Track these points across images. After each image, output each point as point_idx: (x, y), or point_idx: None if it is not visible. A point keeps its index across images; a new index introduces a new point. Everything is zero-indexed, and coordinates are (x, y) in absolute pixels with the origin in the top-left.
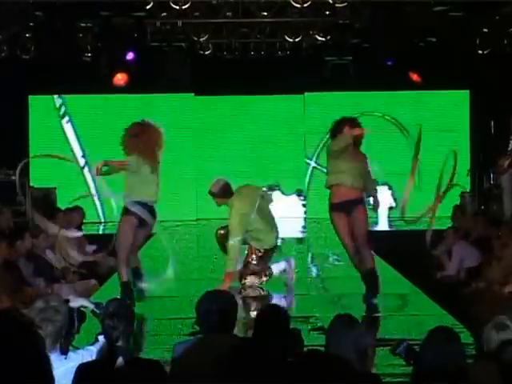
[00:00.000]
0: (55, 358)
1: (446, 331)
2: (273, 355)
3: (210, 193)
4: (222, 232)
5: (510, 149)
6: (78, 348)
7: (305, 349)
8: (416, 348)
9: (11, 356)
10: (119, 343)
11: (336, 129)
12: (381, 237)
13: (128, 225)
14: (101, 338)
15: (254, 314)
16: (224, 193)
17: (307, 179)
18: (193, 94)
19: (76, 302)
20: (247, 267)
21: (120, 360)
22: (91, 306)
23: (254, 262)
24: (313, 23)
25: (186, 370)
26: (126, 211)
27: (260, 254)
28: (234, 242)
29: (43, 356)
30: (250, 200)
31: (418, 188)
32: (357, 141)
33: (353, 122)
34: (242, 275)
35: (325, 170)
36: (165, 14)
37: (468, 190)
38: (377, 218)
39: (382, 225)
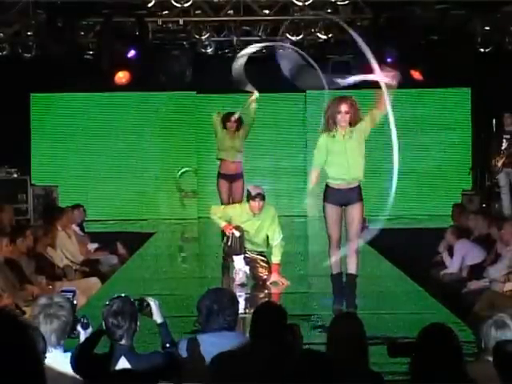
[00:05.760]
0: (59, 355)
1: (439, 326)
2: (270, 352)
3: (260, 196)
4: (238, 234)
5: (503, 148)
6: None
7: (305, 347)
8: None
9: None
10: (123, 342)
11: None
12: (382, 234)
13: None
14: (79, 329)
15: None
16: None
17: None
18: (195, 92)
19: None
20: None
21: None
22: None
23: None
24: (314, 21)
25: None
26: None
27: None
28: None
29: (32, 352)
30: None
31: None
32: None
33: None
34: None
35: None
36: (166, 12)
37: (470, 188)
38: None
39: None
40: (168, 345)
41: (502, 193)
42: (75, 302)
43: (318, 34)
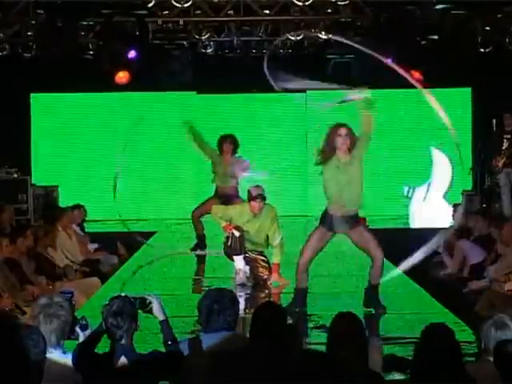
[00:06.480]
0: (58, 356)
1: (438, 327)
2: (270, 352)
3: (261, 196)
4: (238, 234)
5: (504, 148)
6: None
7: (306, 347)
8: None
9: None
10: (123, 341)
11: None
12: (382, 234)
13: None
14: (77, 330)
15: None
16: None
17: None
18: (195, 93)
19: None
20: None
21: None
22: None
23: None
24: (315, 21)
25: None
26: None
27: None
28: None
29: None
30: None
31: None
32: None
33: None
34: None
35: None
36: (166, 12)
37: (470, 189)
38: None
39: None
40: (170, 342)
41: (502, 193)
42: (73, 303)
43: (319, 34)
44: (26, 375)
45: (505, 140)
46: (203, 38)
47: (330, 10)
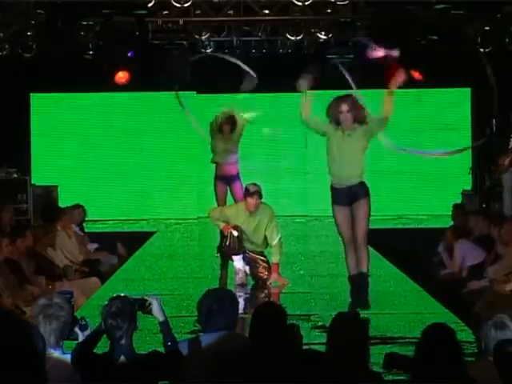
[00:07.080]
0: (58, 357)
1: (439, 327)
2: (270, 352)
3: (258, 193)
4: (236, 234)
5: (510, 147)
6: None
7: (305, 347)
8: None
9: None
10: (122, 341)
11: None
12: (382, 234)
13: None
14: (77, 330)
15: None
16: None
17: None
18: (195, 93)
19: None
20: None
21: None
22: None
23: None
24: (314, 21)
25: (192, 366)
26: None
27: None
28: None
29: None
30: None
31: None
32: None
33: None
34: None
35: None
36: (166, 12)
37: (470, 189)
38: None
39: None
40: (169, 343)
41: (505, 192)
42: (72, 303)
43: (318, 34)
44: (35, 370)
45: (511, 139)
46: (203, 37)
47: (329, 10)
